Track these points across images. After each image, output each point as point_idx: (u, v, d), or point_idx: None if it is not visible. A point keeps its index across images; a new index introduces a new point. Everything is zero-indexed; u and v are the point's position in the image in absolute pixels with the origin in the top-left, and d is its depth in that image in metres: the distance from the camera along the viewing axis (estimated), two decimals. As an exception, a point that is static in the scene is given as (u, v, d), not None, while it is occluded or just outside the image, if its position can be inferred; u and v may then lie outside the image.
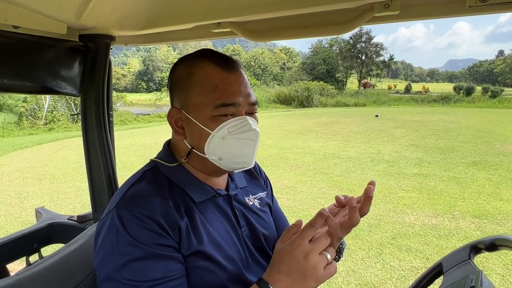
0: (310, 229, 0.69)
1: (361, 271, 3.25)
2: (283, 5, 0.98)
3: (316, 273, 0.67)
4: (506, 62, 72.82)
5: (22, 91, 1.20)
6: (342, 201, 0.82)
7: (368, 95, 36.27)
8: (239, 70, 0.83)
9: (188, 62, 0.84)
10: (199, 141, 0.81)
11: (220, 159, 0.80)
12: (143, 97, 48.05)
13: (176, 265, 0.72)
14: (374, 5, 0.96)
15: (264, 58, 54.28)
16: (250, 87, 0.84)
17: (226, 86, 0.79)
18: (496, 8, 0.90)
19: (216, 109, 0.78)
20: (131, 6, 1.12)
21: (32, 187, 6.52)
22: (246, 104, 0.81)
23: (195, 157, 0.83)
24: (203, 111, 0.79)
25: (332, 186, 6.04)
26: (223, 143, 0.78)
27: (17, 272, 1.04)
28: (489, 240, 0.94)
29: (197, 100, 0.79)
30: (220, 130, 0.78)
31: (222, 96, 0.78)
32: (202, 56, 0.83)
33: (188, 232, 0.76)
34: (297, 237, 0.69)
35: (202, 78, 0.80)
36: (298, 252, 0.68)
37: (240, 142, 0.79)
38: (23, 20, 1.00)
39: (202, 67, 0.81)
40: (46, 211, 1.67)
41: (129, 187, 0.79)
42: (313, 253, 0.67)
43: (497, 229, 4.11)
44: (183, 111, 0.82)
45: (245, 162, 0.81)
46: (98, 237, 0.75)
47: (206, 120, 0.78)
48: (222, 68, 0.80)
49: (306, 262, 0.67)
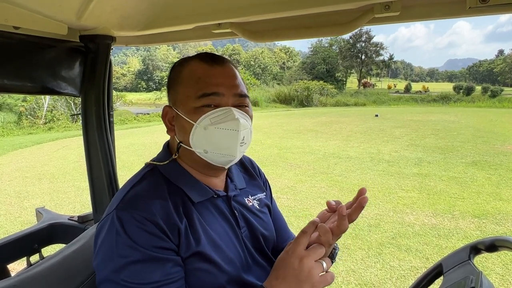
0: (303, 236, 0.72)
1: (361, 271, 3.25)
2: (283, 6, 0.98)
3: (311, 278, 0.69)
4: (506, 62, 72.78)
5: (23, 91, 1.20)
6: (334, 206, 0.81)
7: (368, 95, 36.28)
8: (226, 64, 0.84)
9: (180, 62, 0.88)
10: (184, 134, 0.82)
11: (205, 152, 0.81)
12: (142, 96, 48.05)
13: (174, 268, 0.73)
14: (374, 6, 0.96)
15: (264, 58, 54.25)
16: (240, 80, 0.85)
17: (209, 78, 0.80)
18: (496, 9, 0.90)
19: (198, 99, 0.79)
20: (132, 7, 1.12)
21: (32, 186, 6.52)
22: (231, 95, 0.81)
23: (184, 151, 0.84)
24: (187, 104, 0.80)
25: (332, 185, 6.04)
26: (206, 134, 0.78)
27: (18, 272, 1.04)
28: (489, 240, 0.94)
29: (183, 94, 0.82)
30: (203, 121, 0.78)
31: (203, 87, 0.79)
32: (192, 57, 0.86)
33: (187, 233, 0.76)
34: (292, 244, 0.72)
35: (188, 73, 0.83)
36: (293, 258, 0.70)
37: (222, 132, 0.78)
38: (23, 21, 1.00)
39: (190, 64, 0.84)
40: (47, 211, 1.67)
41: (129, 189, 0.79)
42: (307, 258, 0.70)
43: (496, 229, 4.11)
44: (174, 108, 0.84)
45: (229, 154, 0.80)
46: (98, 239, 0.75)
47: (190, 112, 0.80)
48: (207, 63, 0.83)
49: (301, 266, 0.69)
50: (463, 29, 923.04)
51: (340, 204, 0.79)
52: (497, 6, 0.88)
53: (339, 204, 0.79)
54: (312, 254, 0.70)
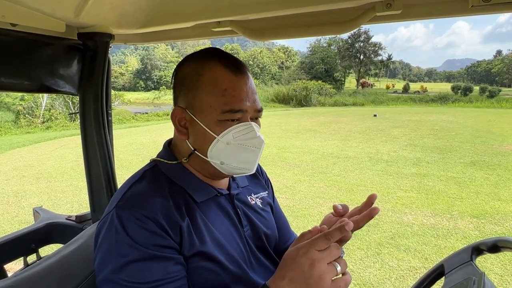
0: (324, 240, 0.64)
1: (359, 271, 3.25)
2: (284, 4, 0.97)
3: (322, 284, 0.61)
4: (503, 62, 73.03)
5: (20, 90, 1.18)
6: (340, 210, 0.80)
7: (366, 95, 36.29)
8: (247, 74, 0.82)
9: (196, 61, 0.82)
10: (202, 144, 0.80)
11: (222, 163, 0.79)
12: (141, 95, 47.90)
13: (175, 266, 0.71)
14: (376, 4, 0.95)
15: (263, 57, 54.22)
16: (256, 92, 0.83)
17: (235, 92, 0.77)
18: (499, 8, 0.89)
19: (224, 114, 0.76)
20: (130, 4, 1.11)
21: (29, 185, 6.49)
22: (252, 111, 0.80)
23: (197, 159, 0.82)
24: (209, 114, 0.77)
25: (330, 185, 6.04)
26: (227, 149, 0.78)
27: (14, 273, 1.03)
28: (491, 241, 0.93)
29: (205, 103, 0.78)
30: (226, 136, 0.77)
31: (230, 101, 0.76)
32: (211, 56, 0.81)
33: (190, 232, 0.75)
34: (306, 244, 0.65)
35: (211, 80, 0.78)
36: (304, 259, 0.63)
37: (244, 148, 0.78)
38: (21, 18, 0.99)
39: (212, 68, 0.79)
40: (44, 211, 1.66)
41: (129, 187, 0.78)
42: (320, 262, 0.62)
43: (495, 229, 4.12)
44: (188, 111, 0.80)
45: (247, 168, 0.81)
46: (97, 238, 0.74)
47: (212, 124, 0.77)
48: (232, 71, 0.79)
49: (311, 270, 0.62)
50: (463, 29, 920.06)
51: (346, 208, 0.78)
52: (500, 4, 0.87)
53: (346, 208, 0.78)
54: (326, 256, 0.63)
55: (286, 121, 16.66)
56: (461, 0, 0.94)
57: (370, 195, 0.76)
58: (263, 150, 0.82)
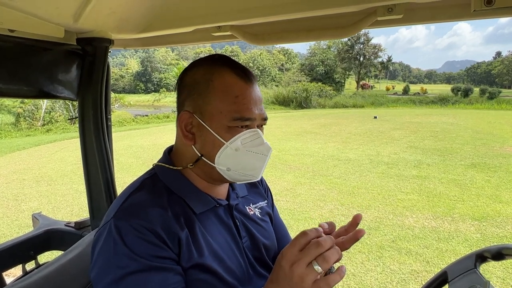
0: (302, 237, 0.65)
1: (361, 274, 3.23)
2: (284, 9, 0.97)
3: (303, 286, 0.62)
4: (503, 64, 73.10)
5: (19, 95, 1.18)
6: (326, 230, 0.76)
7: (366, 97, 36.36)
8: (256, 82, 0.83)
9: (206, 67, 0.82)
10: (211, 150, 0.79)
11: (228, 170, 0.79)
12: (141, 98, 48.02)
13: (175, 277, 0.70)
14: (377, 8, 0.94)
15: (263, 60, 54.32)
16: (262, 100, 0.84)
17: (246, 100, 0.78)
18: (501, 12, 0.88)
19: (234, 120, 0.76)
20: (130, 9, 1.10)
21: (29, 189, 6.48)
22: (259, 119, 0.80)
23: (203, 165, 0.81)
24: (219, 120, 0.77)
25: (331, 188, 6.02)
26: (235, 155, 0.77)
27: (13, 281, 1.02)
28: (495, 248, 0.92)
29: (215, 108, 0.77)
30: (234, 142, 0.77)
31: (241, 109, 0.77)
32: (221, 63, 0.81)
33: (189, 244, 0.74)
34: (288, 245, 0.66)
35: (222, 86, 0.78)
36: (284, 262, 0.64)
37: (252, 155, 0.78)
38: (19, 24, 0.98)
39: (223, 75, 0.79)
40: (43, 217, 1.65)
41: (127, 196, 0.76)
42: (299, 264, 0.62)
43: (497, 231, 4.10)
44: (196, 116, 0.79)
45: (252, 175, 0.80)
46: (95, 248, 0.73)
47: (221, 130, 0.77)
48: (243, 79, 0.79)
49: (291, 272, 0.62)
50: (464, 31, 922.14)
51: (333, 227, 0.76)
52: (502, 9, 0.86)
53: (333, 226, 0.77)
54: (304, 257, 0.62)
55: (286, 123, 16.66)
56: (463, 4, 0.94)
57: (355, 215, 0.75)
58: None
